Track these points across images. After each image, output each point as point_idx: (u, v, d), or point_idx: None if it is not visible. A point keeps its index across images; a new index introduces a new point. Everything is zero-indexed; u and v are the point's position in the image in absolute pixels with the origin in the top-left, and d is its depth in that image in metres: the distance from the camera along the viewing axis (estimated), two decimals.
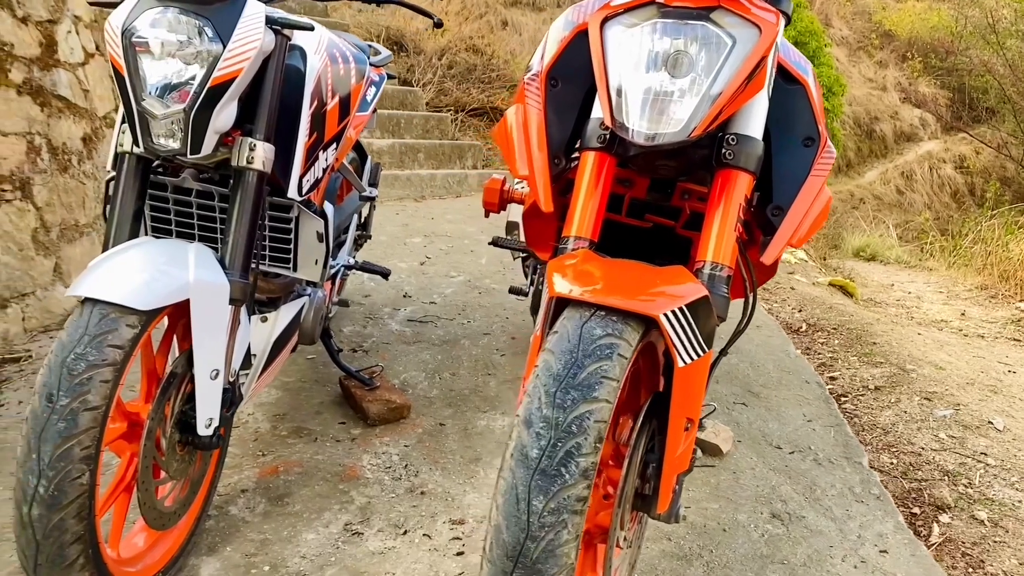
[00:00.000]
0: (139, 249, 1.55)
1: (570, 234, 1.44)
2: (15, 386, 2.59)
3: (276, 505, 1.99)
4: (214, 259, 1.63)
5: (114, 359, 1.38)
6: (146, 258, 1.53)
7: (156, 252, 1.55)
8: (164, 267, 1.51)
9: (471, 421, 2.47)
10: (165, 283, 1.48)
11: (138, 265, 1.50)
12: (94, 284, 1.43)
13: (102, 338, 1.38)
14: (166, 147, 1.59)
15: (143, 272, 1.48)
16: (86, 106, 3.55)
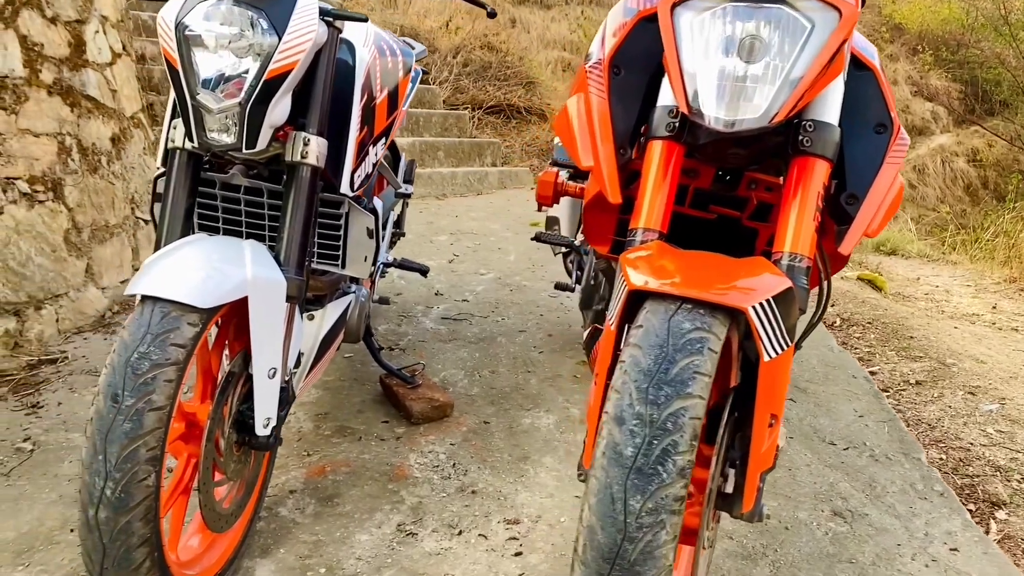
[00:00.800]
0: (195, 247, 1.52)
1: (638, 226, 1.41)
2: (53, 387, 2.57)
3: (326, 506, 1.96)
4: (270, 256, 1.60)
5: (177, 358, 1.35)
6: (203, 255, 1.50)
7: (212, 249, 1.52)
8: (221, 264, 1.48)
9: (515, 419, 2.44)
10: (224, 280, 1.45)
11: (195, 263, 1.47)
12: (153, 282, 1.40)
13: (164, 337, 1.35)
14: (220, 142, 1.56)
15: (201, 270, 1.45)
16: (114, 106, 3.53)
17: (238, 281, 1.47)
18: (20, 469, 2.11)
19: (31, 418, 2.37)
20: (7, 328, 2.75)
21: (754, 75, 1.26)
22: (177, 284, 1.40)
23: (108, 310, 3.25)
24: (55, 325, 2.99)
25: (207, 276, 1.44)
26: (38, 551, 1.79)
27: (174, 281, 1.40)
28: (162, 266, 1.45)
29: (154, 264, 1.46)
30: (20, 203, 2.86)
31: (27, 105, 2.93)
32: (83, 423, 2.35)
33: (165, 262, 1.46)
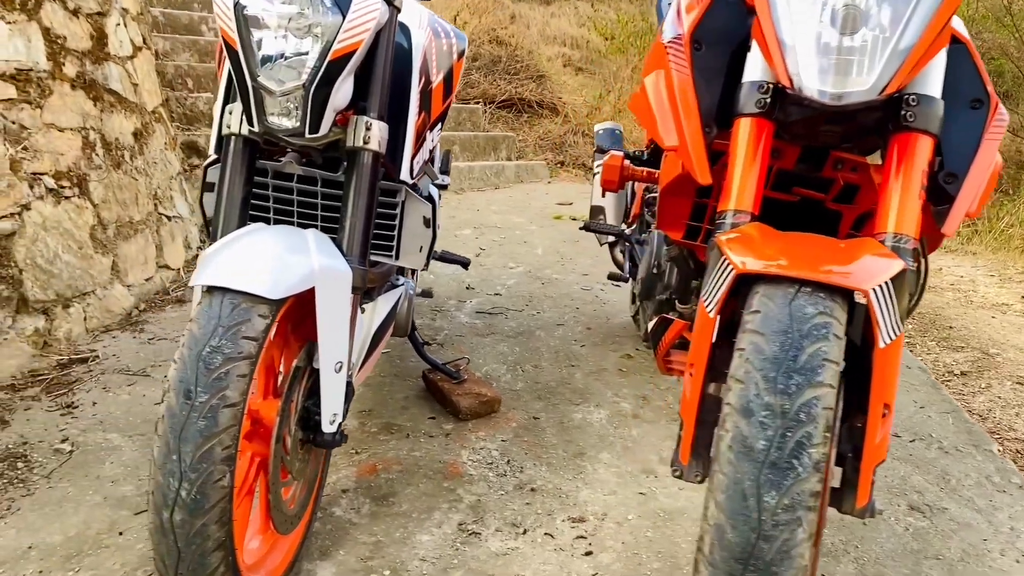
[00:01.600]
0: (257, 236, 1.46)
1: (728, 208, 1.34)
2: (87, 387, 2.50)
3: (382, 505, 1.89)
4: (333, 245, 1.53)
5: (249, 352, 1.29)
6: (267, 245, 1.43)
7: (276, 239, 1.46)
8: (287, 254, 1.41)
9: (565, 414, 2.38)
10: (291, 271, 1.38)
11: (260, 253, 1.40)
12: (220, 273, 1.33)
13: (236, 329, 1.29)
14: (282, 127, 1.49)
15: (267, 260, 1.38)
16: (136, 100, 3.46)
17: (305, 271, 1.40)
18: (61, 471, 2.04)
19: (67, 418, 2.30)
20: (36, 327, 2.68)
21: (861, 46, 1.20)
22: (245, 275, 1.33)
23: (135, 308, 3.18)
24: (83, 324, 2.92)
25: (274, 266, 1.37)
26: (87, 555, 1.73)
27: (241, 272, 1.34)
28: (225, 257, 1.38)
29: (216, 255, 1.39)
30: (47, 199, 2.79)
31: (51, 99, 2.87)
32: (120, 423, 2.29)
33: (228, 252, 1.39)
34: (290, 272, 1.38)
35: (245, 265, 1.35)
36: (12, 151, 2.65)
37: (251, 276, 1.33)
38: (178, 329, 2.98)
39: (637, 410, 2.42)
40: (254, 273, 1.34)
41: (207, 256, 1.40)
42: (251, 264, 1.36)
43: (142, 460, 2.09)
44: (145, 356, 2.74)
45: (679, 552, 1.74)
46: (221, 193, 1.58)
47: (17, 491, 1.96)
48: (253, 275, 1.33)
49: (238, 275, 1.33)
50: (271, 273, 1.35)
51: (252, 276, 1.33)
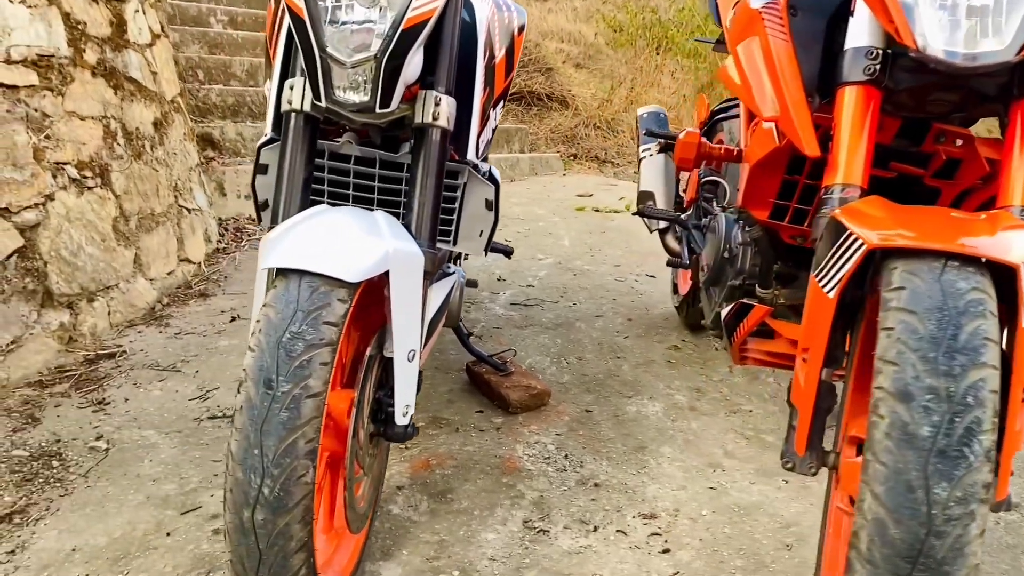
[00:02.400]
0: (327, 217, 1.37)
1: (835, 182, 1.26)
2: (116, 383, 2.41)
3: (440, 502, 1.81)
4: (403, 228, 1.44)
5: (331, 338, 1.20)
6: (339, 227, 1.34)
7: (346, 220, 1.36)
8: (361, 236, 1.32)
9: (619, 407, 2.29)
10: (368, 253, 1.29)
11: (333, 234, 1.31)
12: (294, 254, 1.25)
13: (317, 314, 1.20)
14: (351, 101, 1.40)
15: (342, 241, 1.30)
16: (155, 89, 3.37)
17: (380, 254, 1.31)
18: (98, 469, 1.95)
19: (100, 415, 2.21)
20: (61, 321, 2.59)
21: (995, 3, 1.11)
22: (322, 257, 1.24)
23: (157, 303, 3.09)
24: (107, 319, 2.83)
25: (350, 248, 1.29)
26: (135, 557, 1.64)
27: (317, 254, 1.25)
28: (296, 238, 1.29)
29: (284, 236, 1.30)
30: (70, 189, 2.70)
31: (73, 86, 2.77)
32: (154, 420, 2.20)
33: (298, 234, 1.30)
34: (367, 254, 1.29)
35: (319, 247, 1.27)
36: (35, 139, 2.56)
37: (328, 258, 1.24)
38: (205, 325, 2.89)
39: (693, 403, 2.34)
40: (331, 255, 1.25)
41: (273, 238, 1.31)
42: (326, 246, 1.27)
43: (182, 458, 2.00)
44: (174, 351, 2.65)
45: (761, 549, 1.66)
46: (282, 173, 1.49)
47: (54, 490, 1.87)
48: (330, 257, 1.25)
49: (314, 257, 1.24)
50: (348, 255, 1.27)
51: (329, 258, 1.24)
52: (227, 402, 2.30)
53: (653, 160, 2.46)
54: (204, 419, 2.21)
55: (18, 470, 1.92)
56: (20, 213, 2.45)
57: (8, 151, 2.45)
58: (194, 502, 1.83)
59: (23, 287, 2.44)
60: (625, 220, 4.46)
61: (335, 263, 1.24)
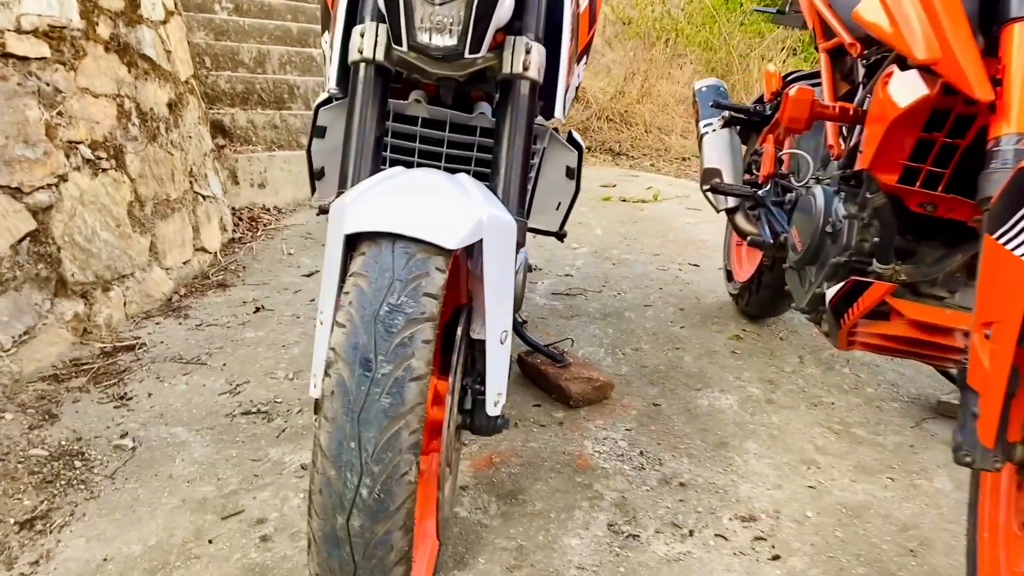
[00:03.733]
0: (412, 178, 1.19)
1: (1008, 131, 1.09)
2: (138, 376, 2.22)
3: (511, 504, 1.63)
4: (492, 193, 1.26)
5: (431, 313, 1.02)
6: (427, 188, 1.16)
7: (434, 182, 1.19)
8: (453, 199, 1.15)
9: (689, 401, 2.11)
10: (464, 218, 1.11)
11: (422, 197, 1.13)
12: (386, 218, 1.06)
13: (416, 284, 1.02)
14: (436, 45, 1.22)
15: (432, 204, 1.12)
16: (169, 69, 3.17)
17: (475, 220, 1.13)
18: (125, 470, 1.77)
19: (122, 411, 2.03)
20: (76, 312, 2.40)
21: None
22: (416, 220, 1.06)
23: (174, 293, 2.90)
24: (122, 309, 2.64)
25: (444, 212, 1.11)
26: (176, 568, 1.46)
27: (410, 217, 1.07)
28: (382, 201, 1.11)
29: (367, 199, 1.12)
30: (83, 170, 2.51)
31: (85, 61, 2.58)
32: (182, 416, 2.01)
33: (383, 196, 1.12)
34: (463, 219, 1.11)
35: (411, 210, 1.09)
36: (47, 115, 2.37)
37: (424, 222, 1.06)
38: (227, 316, 2.70)
39: (769, 395, 2.16)
40: (426, 219, 1.07)
41: (351, 202, 1.13)
42: (418, 209, 1.09)
43: (216, 457, 1.82)
44: (197, 343, 2.46)
45: (883, 555, 1.49)
46: (350, 133, 1.30)
47: (79, 494, 1.69)
48: (426, 221, 1.07)
49: (409, 221, 1.06)
50: (444, 219, 1.09)
51: (425, 222, 1.06)
52: (260, 396, 2.12)
53: (718, 135, 2.29)
54: (237, 415, 2.03)
55: (37, 471, 1.74)
56: (32, 194, 2.26)
57: (19, 127, 2.26)
58: (236, 505, 1.65)
59: (36, 274, 2.25)
60: (655, 209, 4.29)
61: (432, 227, 1.06)
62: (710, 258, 3.35)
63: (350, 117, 1.31)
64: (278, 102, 4.78)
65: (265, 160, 4.07)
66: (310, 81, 4.96)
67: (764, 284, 2.42)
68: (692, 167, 6.12)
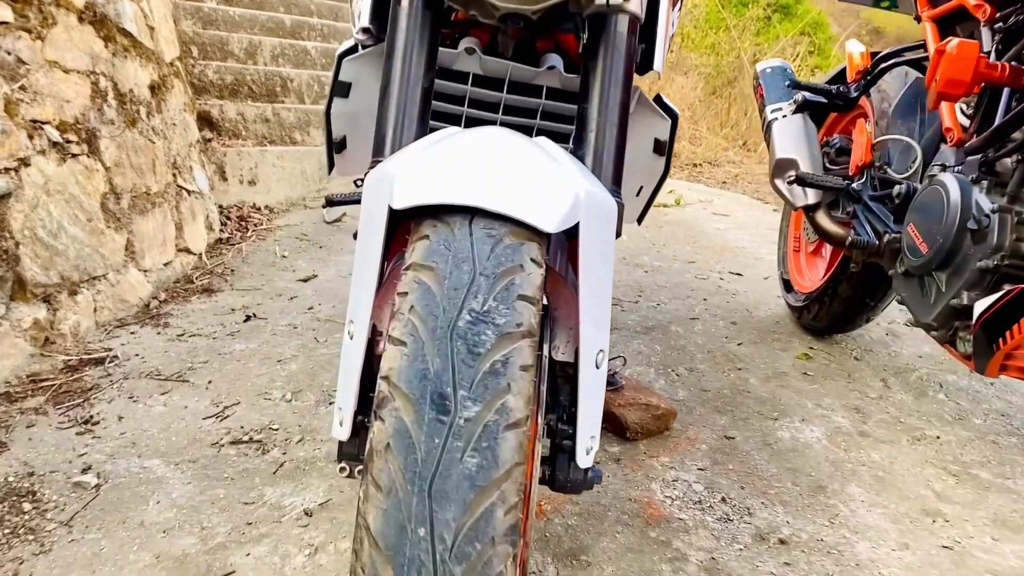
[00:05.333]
0: (476, 138, 0.85)
1: None
2: (107, 395, 1.87)
3: (574, 567, 1.29)
4: (581, 163, 0.93)
5: (530, 324, 0.68)
6: (504, 151, 0.82)
7: (507, 143, 0.85)
8: (542, 166, 0.81)
9: (768, 433, 1.78)
10: (560, 191, 0.78)
11: (500, 162, 0.79)
12: (456, 186, 0.73)
13: (509, 282, 0.68)
14: None
15: (517, 172, 0.78)
16: (152, 47, 2.83)
17: (572, 196, 0.79)
18: (86, 515, 1.42)
19: (86, 439, 1.67)
20: (36, 318, 2.04)
21: None
22: (500, 191, 0.73)
23: (153, 298, 2.55)
24: (92, 316, 2.28)
25: (533, 182, 0.77)
26: None
27: (489, 186, 0.74)
28: (442, 166, 0.77)
29: (422, 163, 0.78)
30: (49, 155, 2.16)
31: (55, 31, 2.24)
32: (160, 446, 1.67)
33: (443, 160, 0.79)
34: (560, 194, 0.77)
35: (489, 178, 0.75)
36: (7, 89, 2.02)
37: (511, 194, 0.73)
38: (213, 325, 2.35)
39: (860, 426, 1.83)
40: (512, 190, 0.74)
41: (398, 168, 0.79)
42: (498, 177, 0.76)
43: (200, 499, 1.48)
44: (178, 356, 2.11)
45: None
46: (390, 84, 0.97)
47: (25, 546, 1.34)
48: (513, 193, 0.73)
49: (489, 192, 0.73)
50: (536, 192, 0.75)
51: (513, 194, 0.73)
52: (252, 421, 1.78)
53: (789, 121, 1.97)
54: (225, 444, 1.68)
55: None
56: None
57: None
58: (224, 565, 1.31)
59: None
60: (679, 214, 3.97)
61: (523, 202, 0.73)
62: (752, 267, 3.03)
63: (390, 63, 0.97)
64: (270, 95, 4.43)
65: (256, 155, 3.72)
66: (304, 75, 4.62)
67: (839, 295, 2.10)
68: (704, 173, 5.82)
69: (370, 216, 0.84)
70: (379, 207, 0.79)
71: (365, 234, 0.86)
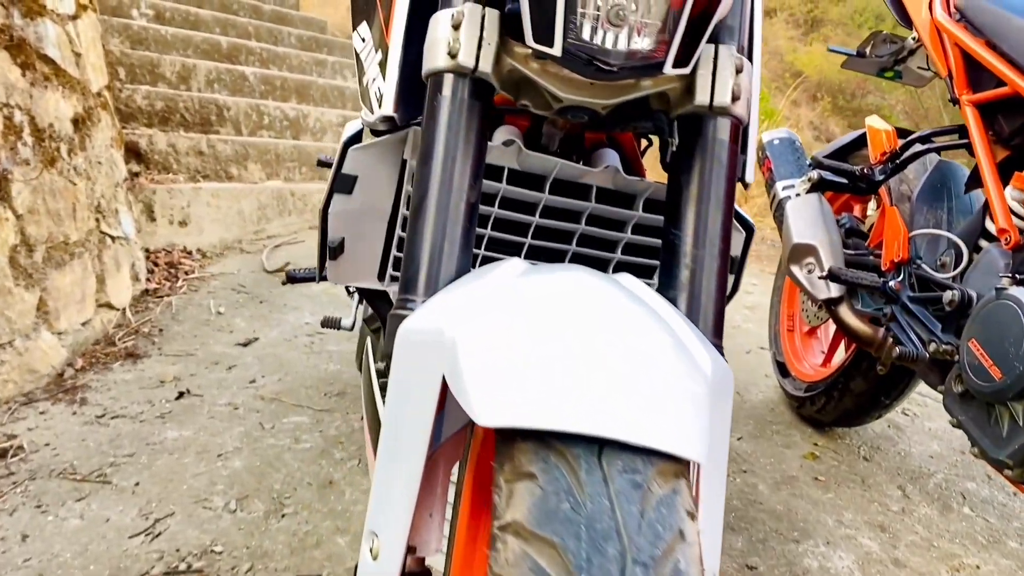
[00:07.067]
0: (564, 301, 0.60)
1: None
2: (9, 503, 1.55)
3: None
4: (682, 316, 0.70)
5: None
6: (597, 316, 0.59)
7: (604, 307, 0.61)
8: (658, 352, 0.57)
9: (794, 561, 1.55)
10: (696, 390, 0.55)
11: (604, 352, 0.55)
12: (571, 405, 0.49)
13: (671, 569, 0.44)
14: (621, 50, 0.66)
15: (633, 368, 0.54)
16: (78, 76, 2.50)
17: (708, 392, 0.56)
18: None
19: None
20: None
21: None
22: (632, 409, 0.50)
23: (68, 366, 2.21)
24: None
25: (661, 382, 0.54)
26: None
27: (616, 402, 0.50)
28: (530, 352, 0.53)
29: (495, 346, 0.54)
30: None
31: None
32: None
33: (529, 342, 0.54)
34: (698, 395, 0.55)
35: (606, 385, 0.51)
36: None
37: (645, 410, 0.50)
38: (139, 403, 2.04)
39: (891, 551, 1.64)
40: (643, 402, 0.51)
41: (461, 340, 0.55)
42: (617, 382, 0.52)
43: None
44: (97, 447, 1.80)
45: None
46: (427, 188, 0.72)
47: None
48: (648, 408, 0.50)
49: (619, 411, 0.49)
50: (672, 397, 0.53)
51: (648, 410, 0.50)
52: (190, 541, 1.48)
53: (804, 202, 1.79)
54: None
55: None
56: None
57: None
58: None
59: None
60: None
61: (666, 421, 0.50)
62: (731, 336, 2.85)
63: (426, 170, 0.73)
64: (204, 124, 4.10)
65: (189, 193, 3.39)
66: (242, 103, 4.30)
67: (852, 391, 1.93)
68: None
69: (405, 386, 0.61)
70: (424, 377, 0.57)
71: (397, 409, 0.62)
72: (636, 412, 0.50)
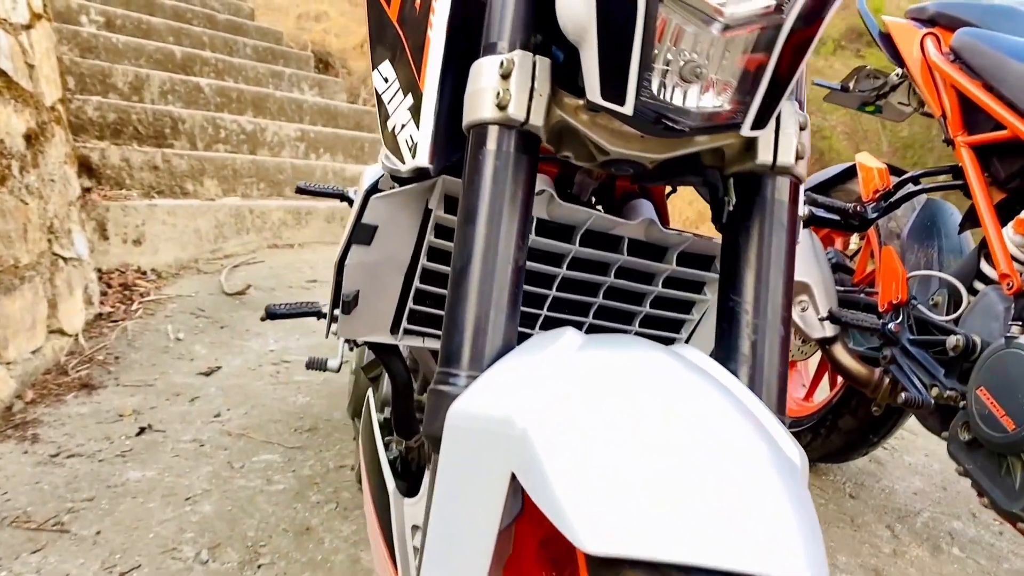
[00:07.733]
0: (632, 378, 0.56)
1: None
2: None
3: None
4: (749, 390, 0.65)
5: None
6: (677, 406, 0.53)
7: (674, 385, 0.56)
8: (742, 434, 0.52)
9: None
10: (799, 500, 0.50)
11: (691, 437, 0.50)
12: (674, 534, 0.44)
13: None
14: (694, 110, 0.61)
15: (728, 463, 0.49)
16: (31, 89, 2.37)
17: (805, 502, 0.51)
18: None
19: None
20: None
21: None
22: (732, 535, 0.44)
23: (18, 398, 2.08)
24: None
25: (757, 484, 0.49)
26: None
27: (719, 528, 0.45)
28: (616, 457, 0.48)
29: (574, 447, 0.49)
30: None
31: None
32: None
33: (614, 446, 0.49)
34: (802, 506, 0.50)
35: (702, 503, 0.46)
36: None
37: (745, 532, 0.45)
38: (97, 439, 1.92)
39: None
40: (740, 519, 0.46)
41: (532, 425, 0.50)
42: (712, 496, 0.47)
43: None
44: (53, 490, 1.68)
45: None
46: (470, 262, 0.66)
47: None
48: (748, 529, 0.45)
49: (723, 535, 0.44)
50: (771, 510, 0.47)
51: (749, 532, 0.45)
52: None
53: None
54: None
55: None
56: None
57: None
58: None
59: None
60: None
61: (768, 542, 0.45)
62: None
63: (468, 230, 0.66)
64: (158, 137, 3.96)
65: (144, 211, 3.25)
66: (197, 115, 4.17)
67: (840, 429, 1.91)
68: None
69: (462, 478, 0.55)
70: (488, 471, 0.51)
71: (450, 504, 0.56)
72: (746, 536, 0.45)
